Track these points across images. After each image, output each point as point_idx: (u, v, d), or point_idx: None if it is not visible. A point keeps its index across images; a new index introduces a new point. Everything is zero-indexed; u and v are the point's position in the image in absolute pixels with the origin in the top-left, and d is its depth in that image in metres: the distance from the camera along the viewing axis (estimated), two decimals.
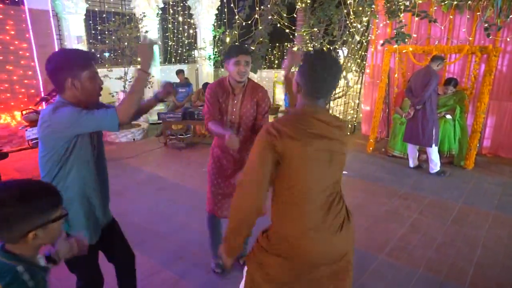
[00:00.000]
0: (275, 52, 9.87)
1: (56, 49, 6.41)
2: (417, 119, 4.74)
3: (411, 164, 5.13)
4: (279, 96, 8.97)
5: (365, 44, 6.39)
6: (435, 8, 5.47)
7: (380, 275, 2.74)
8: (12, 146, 6.04)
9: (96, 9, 7.91)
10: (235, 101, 2.41)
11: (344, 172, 5.20)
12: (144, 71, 1.68)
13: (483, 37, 5.28)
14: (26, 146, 5.87)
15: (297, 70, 1.50)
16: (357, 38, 5.87)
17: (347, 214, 1.55)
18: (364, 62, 6.81)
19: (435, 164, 4.83)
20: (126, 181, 4.68)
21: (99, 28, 6.97)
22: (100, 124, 1.61)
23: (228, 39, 5.74)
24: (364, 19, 5.36)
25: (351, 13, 4.98)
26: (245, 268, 1.61)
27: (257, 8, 5.15)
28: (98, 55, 7.25)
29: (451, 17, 5.45)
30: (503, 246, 3.13)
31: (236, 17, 5.00)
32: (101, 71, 6.81)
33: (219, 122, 2.39)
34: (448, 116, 5.17)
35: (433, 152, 4.78)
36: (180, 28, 9.73)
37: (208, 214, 2.68)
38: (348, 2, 4.87)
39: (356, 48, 6.28)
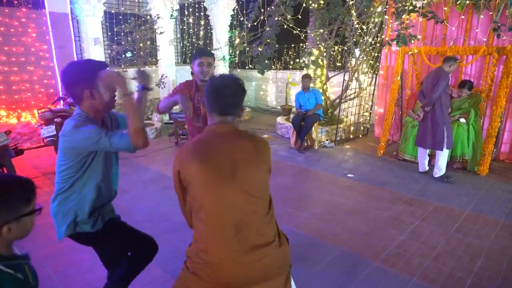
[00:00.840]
0: (290, 53, 9.82)
1: (74, 51, 6.66)
2: (427, 121, 4.61)
3: (420, 169, 4.99)
4: (292, 97, 8.92)
5: (377, 45, 6.25)
6: (445, 8, 5.28)
7: (371, 282, 2.68)
8: (32, 143, 6.32)
9: (113, 11, 8.14)
10: (200, 98, 2.74)
11: (350, 175, 5.12)
12: (126, 94, 1.72)
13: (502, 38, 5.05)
14: (42, 143, 6.11)
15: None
16: (368, 39, 5.75)
17: (278, 236, 1.51)
18: (378, 64, 6.67)
19: (440, 168, 4.67)
20: (132, 180, 4.80)
21: (115, 29, 7.17)
22: (117, 148, 1.70)
23: (237, 41, 5.77)
24: (376, 20, 5.23)
25: (354, 13, 4.88)
26: None
27: (262, 10, 5.15)
28: (120, 56, 7.45)
29: (462, 17, 5.24)
30: (507, 257, 2.99)
31: (242, 18, 5.00)
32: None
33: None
34: (462, 120, 4.99)
35: (442, 156, 4.62)
36: (195, 29, 9.85)
37: None
38: (351, 3, 4.78)
39: (368, 49, 6.16)
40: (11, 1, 5.83)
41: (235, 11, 8.97)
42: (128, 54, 7.43)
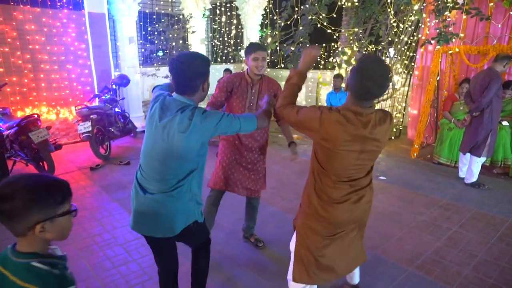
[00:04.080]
0: (321, 52, 9.69)
1: (110, 49, 6.86)
2: (472, 127, 4.37)
3: (461, 174, 4.74)
4: (323, 97, 8.80)
5: (413, 44, 6.04)
6: (491, 4, 5.01)
7: None
8: (69, 139, 6.59)
9: (147, 11, 8.34)
10: (253, 91, 2.72)
11: (382, 177, 4.95)
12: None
13: None
14: (78, 139, 6.35)
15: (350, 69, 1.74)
16: (404, 38, 5.56)
17: (369, 191, 1.93)
18: (413, 64, 6.44)
19: (472, 174, 4.44)
20: None
21: (149, 29, 7.34)
22: (245, 129, 1.83)
23: (269, 40, 5.75)
24: (412, 18, 5.05)
25: (391, 12, 4.72)
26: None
27: (296, 9, 5.09)
28: (155, 54, 7.63)
29: (511, 13, 4.96)
30: None
31: (275, 17, 4.97)
32: (150, 70, 7.19)
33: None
34: (505, 123, 4.73)
35: (476, 163, 4.38)
36: (226, 28, 9.93)
37: (214, 190, 2.90)
38: (389, 1, 4.63)
39: (403, 48, 5.96)
40: (54, 3, 6.10)
41: (266, 10, 8.95)
42: (160, 53, 7.59)
